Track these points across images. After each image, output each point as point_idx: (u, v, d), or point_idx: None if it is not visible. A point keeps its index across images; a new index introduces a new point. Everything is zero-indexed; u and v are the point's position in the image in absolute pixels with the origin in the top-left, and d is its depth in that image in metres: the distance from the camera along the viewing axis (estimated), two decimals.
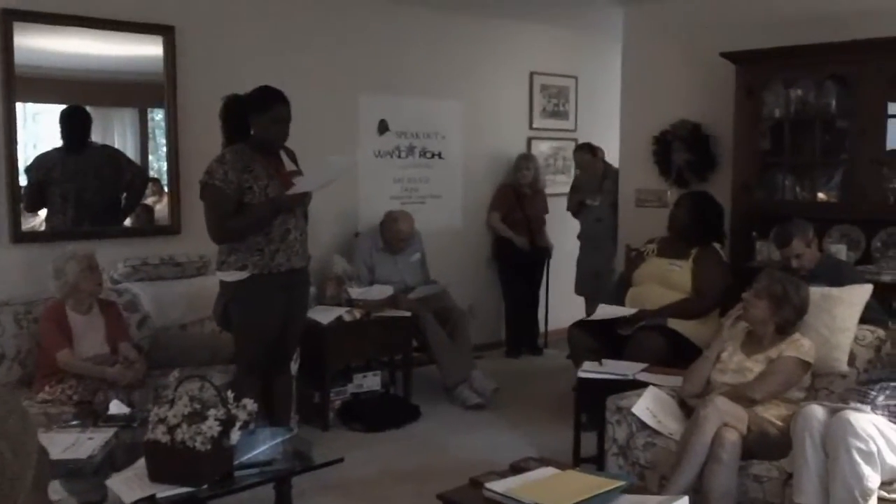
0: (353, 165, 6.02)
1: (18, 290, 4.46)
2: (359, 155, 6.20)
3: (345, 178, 5.96)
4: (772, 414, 3.40)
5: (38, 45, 4.73)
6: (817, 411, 3.06)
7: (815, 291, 3.76)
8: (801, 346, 3.55)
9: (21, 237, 4.67)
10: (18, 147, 4.65)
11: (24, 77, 4.61)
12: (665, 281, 4.86)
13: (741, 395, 3.43)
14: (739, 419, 3.28)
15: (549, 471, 3.06)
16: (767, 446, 3.27)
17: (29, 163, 4.75)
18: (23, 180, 4.70)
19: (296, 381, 4.58)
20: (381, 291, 5.51)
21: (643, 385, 3.89)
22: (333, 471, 3.57)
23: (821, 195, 4.95)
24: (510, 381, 6.10)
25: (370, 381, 5.48)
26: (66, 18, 4.75)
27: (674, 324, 4.67)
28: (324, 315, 5.12)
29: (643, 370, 4.19)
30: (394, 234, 5.85)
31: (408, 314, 5.51)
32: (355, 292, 5.45)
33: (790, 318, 3.62)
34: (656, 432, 3.60)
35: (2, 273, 4.54)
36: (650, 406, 3.66)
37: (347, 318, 5.21)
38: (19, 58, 4.58)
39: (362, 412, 5.23)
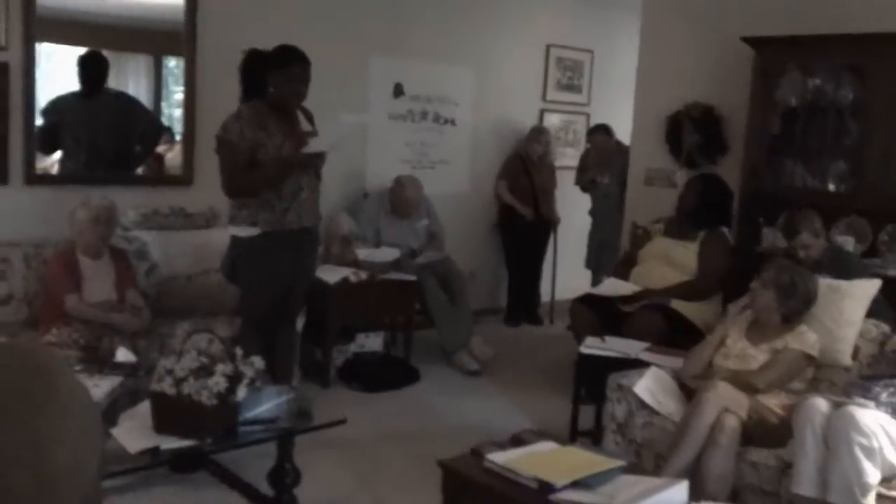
0: (364, 127, 6.01)
1: (29, 232, 4.46)
2: (371, 116, 6.18)
3: (356, 139, 5.98)
4: (772, 402, 3.42)
5: None
6: (821, 404, 3.07)
7: (823, 283, 3.74)
8: (807, 339, 3.55)
9: (34, 179, 4.65)
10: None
11: (44, 17, 4.55)
12: (670, 261, 4.88)
13: (743, 382, 3.44)
14: (740, 405, 3.31)
15: (548, 445, 3.08)
16: (766, 434, 3.30)
17: (45, 105, 4.71)
18: (39, 122, 4.66)
19: (300, 338, 4.62)
20: (387, 254, 5.52)
21: (644, 364, 3.93)
22: (332, 429, 3.60)
23: (830, 185, 4.94)
24: (508, 349, 6.14)
25: (372, 342, 5.52)
26: None
27: (676, 304, 4.69)
28: (330, 275, 5.14)
29: (645, 349, 4.21)
30: (401, 199, 5.84)
31: (413, 278, 5.52)
32: (362, 253, 5.46)
33: (797, 308, 3.60)
34: (655, 412, 3.64)
35: (13, 214, 4.53)
36: (651, 386, 3.69)
37: (353, 279, 5.23)
38: None
39: (362, 372, 5.28)
